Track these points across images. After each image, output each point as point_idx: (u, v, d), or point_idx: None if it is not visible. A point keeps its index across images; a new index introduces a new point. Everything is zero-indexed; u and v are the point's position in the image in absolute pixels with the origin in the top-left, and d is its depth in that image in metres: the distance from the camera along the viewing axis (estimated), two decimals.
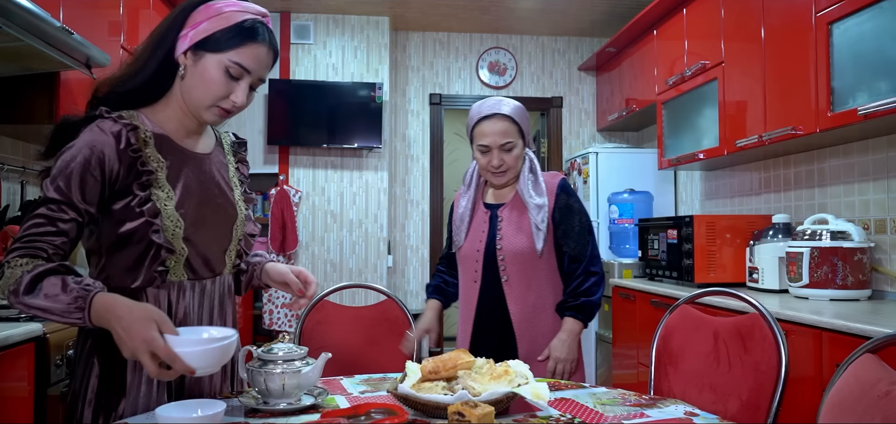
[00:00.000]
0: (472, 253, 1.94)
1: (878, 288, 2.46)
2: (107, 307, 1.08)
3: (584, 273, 1.87)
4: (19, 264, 1.10)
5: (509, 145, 1.86)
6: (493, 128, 1.86)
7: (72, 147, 1.15)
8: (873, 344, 1.16)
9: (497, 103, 1.88)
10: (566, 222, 1.89)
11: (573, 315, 1.86)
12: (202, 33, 1.20)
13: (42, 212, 1.13)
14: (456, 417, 1.09)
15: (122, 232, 1.19)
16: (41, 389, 1.75)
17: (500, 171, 1.88)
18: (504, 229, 1.90)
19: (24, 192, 2.63)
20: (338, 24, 4.51)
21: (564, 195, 1.91)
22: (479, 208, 1.98)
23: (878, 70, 2.07)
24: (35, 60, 2.07)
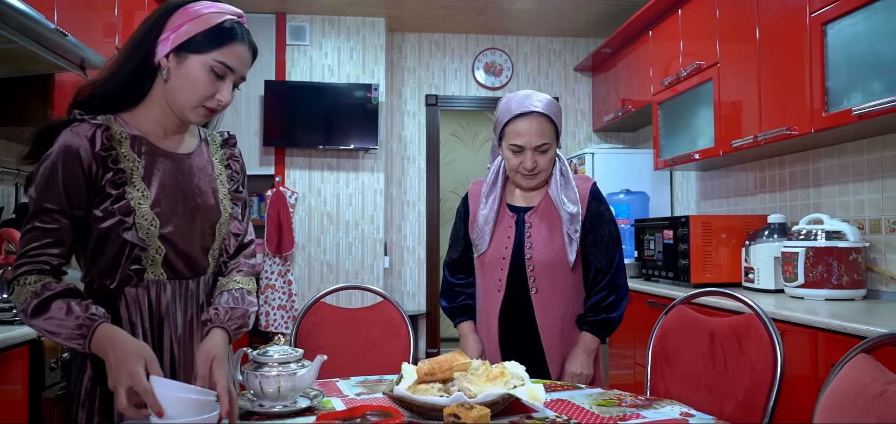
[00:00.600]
0: (497, 260, 1.79)
1: (874, 288, 2.47)
2: (106, 338, 1.11)
3: (608, 287, 1.76)
4: (28, 281, 1.15)
5: (545, 147, 1.73)
6: (529, 127, 1.70)
7: (50, 155, 1.17)
8: (868, 344, 1.17)
9: (531, 99, 1.73)
10: (596, 231, 1.78)
11: (591, 331, 1.75)
12: (184, 36, 1.20)
13: (37, 225, 1.16)
14: (452, 419, 1.09)
15: (99, 233, 1.20)
16: (36, 392, 1.74)
17: (534, 174, 1.74)
18: (534, 237, 1.77)
19: (18, 194, 2.62)
20: (334, 26, 4.51)
21: (596, 203, 1.80)
22: (503, 211, 1.83)
23: (872, 70, 2.08)
24: (29, 62, 2.06)
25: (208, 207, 1.32)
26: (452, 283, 1.93)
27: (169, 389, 1.06)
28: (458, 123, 6.68)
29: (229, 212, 1.37)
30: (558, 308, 1.76)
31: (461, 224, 1.91)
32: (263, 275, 4.25)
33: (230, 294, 1.31)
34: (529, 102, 1.72)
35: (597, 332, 1.75)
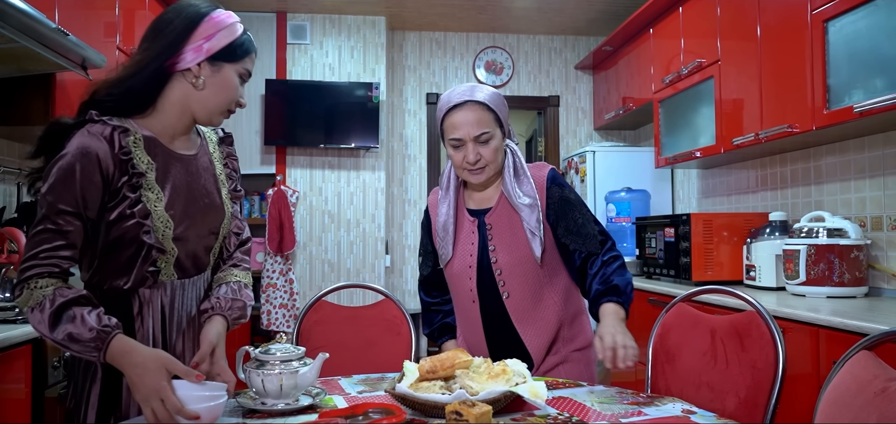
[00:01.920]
0: (464, 270, 1.69)
1: (875, 285, 2.47)
2: (123, 351, 1.13)
3: (606, 261, 1.61)
4: (39, 285, 1.13)
5: (485, 136, 1.60)
6: (465, 117, 1.59)
7: (66, 155, 1.16)
8: (870, 341, 1.17)
9: (468, 90, 1.62)
10: (566, 218, 1.64)
11: (610, 300, 1.54)
12: (217, 45, 1.26)
13: (48, 227, 1.15)
14: (454, 416, 1.09)
15: (114, 234, 1.21)
16: (38, 391, 1.74)
17: (478, 167, 1.62)
18: (496, 239, 1.66)
19: (21, 194, 2.63)
20: (334, 24, 4.51)
21: (557, 188, 1.66)
22: (463, 217, 1.72)
23: (873, 68, 2.07)
24: (30, 62, 2.06)
25: (215, 207, 1.35)
26: (428, 303, 1.84)
27: (189, 390, 1.11)
28: None
29: (231, 211, 1.41)
30: (538, 312, 1.65)
31: (427, 238, 1.81)
32: (265, 274, 4.26)
33: (228, 287, 1.36)
34: (464, 93, 1.62)
35: (616, 299, 1.54)
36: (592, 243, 1.63)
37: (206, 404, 1.10)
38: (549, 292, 1.66)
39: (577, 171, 4.33)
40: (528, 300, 1.65)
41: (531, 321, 1.65)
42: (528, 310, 1.65)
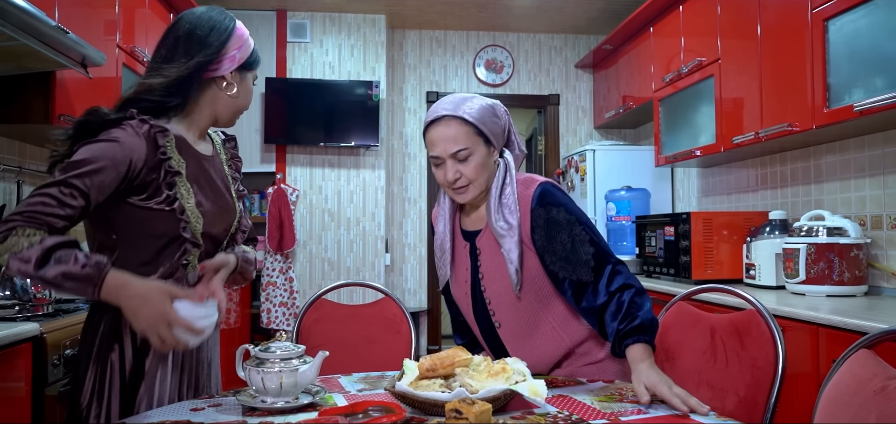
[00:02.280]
0: (462, 296, 1.60)
1: (875, 284, 2.47)
2: (120, 285, 1.18)
3: (618, 292, 1.40)
4: (25, 233, 1.13)
5: (464, 153, 1.45)
6: (442, 134, 1.46)
7: (100, 141, 1.22)
8: (869, 340, 1.17)
9: (448, 103, 1.48)
10: (552, 242, 1.46)
11: (636, 341, 1.33)
12: (244, 56, 1.42)
13: (53, 192, 1.17)
14: (453, 414, 1.09)
15: (143, 226, 1.28)
16: (39, 389, 1.75)
17: (459, 187, 1.48)
18: (484, 265, 1.53)
19: (21, 191, 2.63)
20: (334, 23, 4.51)
21: (543, 209, 1.47)
22: (458, 238, 1.60)
23: (873, 66, 2.07)
24: (30, 60, 2.06)
25: (229, 205, 1.45)
26: (454, 313, 1.73)
27: (189, 310, 1.22)
28: None
29: (239, 210, 1.50)
30: (532, 343, 1.52)
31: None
32: (265, 272, 4.26)
33: (239, 247, 1.51)
34: (443, 107, 1.48)
35: (642, 338, 1.34)
36: (582, 270, 1.43)
37: (206, 321, 1.22)
38: (544, 320, 1.52)
39: (577, 169, 4.33)
40: (522, 330, 1.53)
41: (528, 351, 1.52)
42: (522, 339, 1.53)
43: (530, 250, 1.49)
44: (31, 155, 2.74)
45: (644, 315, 1.37)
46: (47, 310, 1.98)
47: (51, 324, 1.80)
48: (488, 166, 1.50)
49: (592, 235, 1.47)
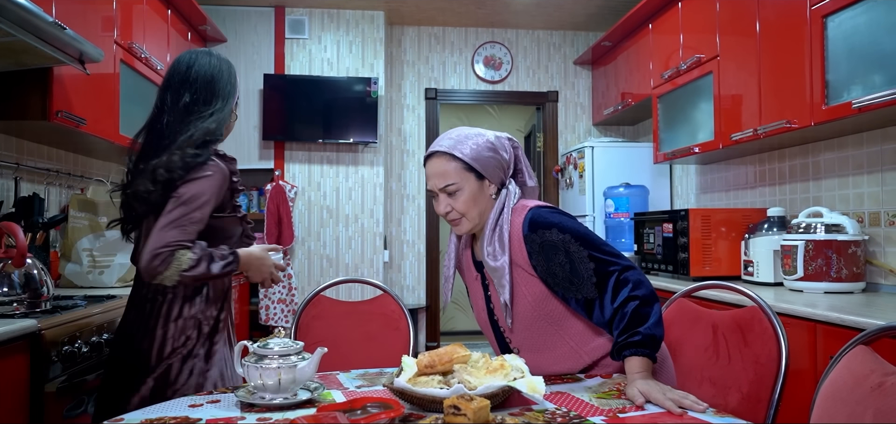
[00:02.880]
0: (482, 323, 1.65)
1: (873, 281, 2.47)
2: (245, 257, 1.69)
3: (622, 305, 1.39)
4: (181, 254, 1.53)
5: (451, 187, 1.50)
6: (433, 169, 1.53)
7: (201, 179, 1.58)
8: (866, 336, 1.17)
9: (442, 140, 1.54)
10: (550, 264, 1.46)
11: (634, 353, 1.34)
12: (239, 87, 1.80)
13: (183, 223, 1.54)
14: (452, 411, 1.09)
15: (221, 232, 1.67)
16: (37, 386, 1.74)
17: (452, 219, 1.54)
18: (495, 296, 1.57)
19: (18, 188, 2.62)
20: (333, 19, 4.50)
21: (534, 235, 1.47)
22: (469, 267, 1.65)
23: (872, 63, 2.07)
24: (28, 56, 2.05)
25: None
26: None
27: (276, 258, 1.80)
28: (457, 117, 6.67)
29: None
30: (552, 361, 1.52)
31: None
32: None
33: None
34: (436, 143, 1.55)
35: (641, 351, 1.34)
36: (586, 288, 1.43)
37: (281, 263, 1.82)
38: (560, 341, 1.51)
39: (575, 166, 4.33)
40: (539, 352, 1.52)
41: (550, 371, 1.51)
42: (541, 360, 1.52)
43: (532, 277, 1.49)
44: (28, 152, 2.73)
45: (647, 330, 1.35)
46: (45, 307, 1.98)
47: (49, 320, 1.80)
48: (481, 199, 1.53)
49: (591, 249, 1.44)
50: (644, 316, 1.37)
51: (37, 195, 2.62)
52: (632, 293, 1.39)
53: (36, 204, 2.59)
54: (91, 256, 2.68)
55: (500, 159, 1.54)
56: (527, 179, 1.60)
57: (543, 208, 1.52)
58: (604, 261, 1.43)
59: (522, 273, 1.50)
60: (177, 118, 1.63)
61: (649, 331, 1.35)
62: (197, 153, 1.58)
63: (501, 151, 1.55)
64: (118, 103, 2.81)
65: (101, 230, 2.71)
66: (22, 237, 1.91)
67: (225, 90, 1.69)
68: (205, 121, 1.62)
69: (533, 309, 1.50)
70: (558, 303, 1.50)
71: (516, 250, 1.49)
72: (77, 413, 1.92)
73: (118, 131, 2.81)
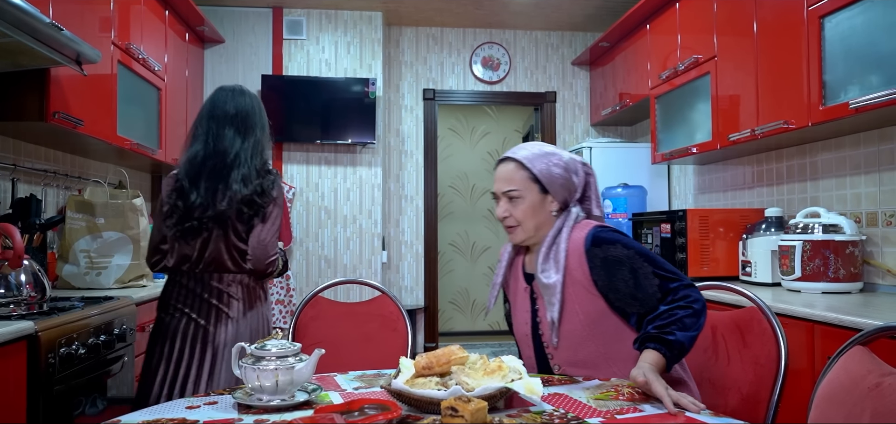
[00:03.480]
0: (523, 337, 1.63)
1: (870, 281, 2.48)
2: None
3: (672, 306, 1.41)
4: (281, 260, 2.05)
5: (514, 194, 1.55)
6: (500, 172, 1.58)
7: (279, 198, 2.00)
8: (864, 337, 1.17)
9: (518, 149, 1.59)
10: (613, 280, 1.47)
11: (656, 348, 1.36)
12: None
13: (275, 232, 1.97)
14: (449, 412, 1.09)
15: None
16: (34, 388, 1.74)
17: (508, 226, 1.58)
18: (542, 311, 1.56)
19: (15, 189, 2.62)
20: (331, 20, 4.50)
21: (597, 250, 1.48)
22: (518, 279, 1.65)
23: (869, 64, 2.08)
24: (25, 57, 2.05)
25: None
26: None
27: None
28: (455, 117, 6.67)
29: None
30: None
31: None
32: None
33: None
34: (511, 150, 1.60)
35: (658, 347, 1.36)
36: (649, 303, 1.44)
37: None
38: (604, 365, 1.49)
39: None
40: (581, 374, 1.50)
41: None
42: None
43: (592, 294, 1.49)
44: (25, 153, 2.73)
45: (681, 336, 1.36)
46: (42, 308, 1.97)
47: (46, 322, 1.79)
48: (541, 213, 1.56)
49: (654, 265, 1.46)
50: (683, 325, 1.38)
51: (34, 196, 2.62)
52: (685, 304, 1.40)
53: (33, 205, 2.58)
54: (88, 257, 2.68)
55: (568, 180, 1.57)
56: (593, 207, 1.61)
57: (605, 227, 1.54)
58: (667, 277, 1.45)
59: (580, 290, 1.50)
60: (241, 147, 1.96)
61: (681, 339, 1.36)
62: (274, 174, 2.01)
63: (572, 174, 1.58)
64: (115, 104, 2.80)
65: (98, 232, 2.71)
66: (19, 239, 1.91)
67: (264, 116, 2.09)
68: (262, 145, 2.03)
69: (584, 328, 1.50)
70: (613, 323, 1.50)
71: (575, 265, 1.50)
72: (74, 415, 1.91)
73: (115, 132, 2.80)
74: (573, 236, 1.53)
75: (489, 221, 6.69)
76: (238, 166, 1.94)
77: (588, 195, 1.61)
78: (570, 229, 1.54)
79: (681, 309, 1.40)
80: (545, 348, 1.56)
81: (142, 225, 2.79)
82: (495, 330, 6.65)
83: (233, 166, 1.93)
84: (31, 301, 1.94)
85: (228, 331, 1.91)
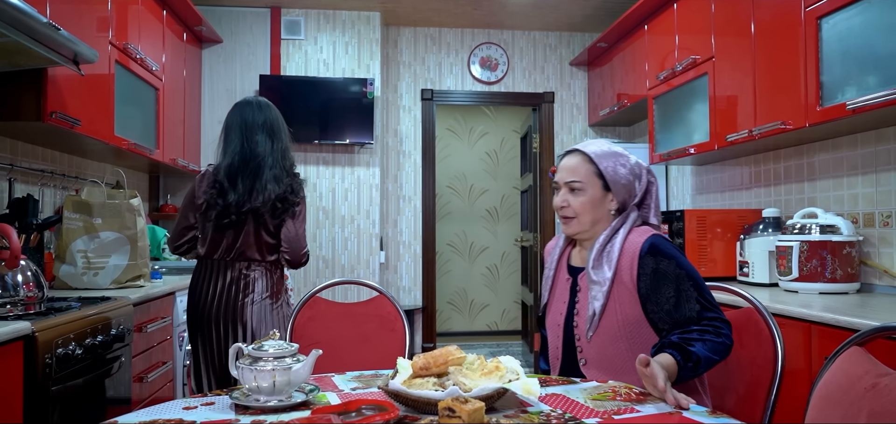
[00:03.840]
0: (554, 327, 1.64)
1: (867, 281, 2.48)
2: None
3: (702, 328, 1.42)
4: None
5: (576, 185, 1.57)
6: (565, 163, 1.62)
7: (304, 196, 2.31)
8: (861, 337, 1.17)
9: (588, 142, 1.63)
10: (656, 293, 1.47)
11: (673, 355, 1.37)
12: None
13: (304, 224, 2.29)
14: (447, 413, 1.09)
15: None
16: (31, 388, 1.74)
17: (565, 216, 1.60)
18: (580, 303, 1.57)
19: (12, 189, 2.61)
20: (329, 20, 4.49)
21: (651, 259, 1.49)
22: (562, 271, 1.67)
23: (866, 64, 2.08)
24: (21, 57, 2.04)
25: None
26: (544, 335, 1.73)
27: None
28: (453, 117, 6.67)
29: None
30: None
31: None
32: None
33: None
34: (580, 143, 1.66)
35: (673, 353, 1.37)
36: (683, 324, 1.44)
37: None
38: (634, 372, 1.42)
39: None
40: (607, 373, 1.50)
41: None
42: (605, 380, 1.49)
43: (633, 297, 1.50)
44: (22, 153, 2.72)
45: (700, 349, 1.38)
46: (39, 309, 1.97)
47: (43, 323, 1.79)
48: (599, 209, 1.58)
49: (699, 292, 1.46)
50: (707, 344, 1.39)
51: (31, 197, 2.61)
52: (715, 331, 1.42)
53: (30, 205, 2.58)
54: (85, 257, 2.68)
55: (630, 183, 1.59)
56: (651, 215, 1.62)
57: (665, 239, 1.55)
58: (707, 306, 1.46)
59: (624, 292, 1.51)
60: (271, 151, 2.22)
61: (699, 353, 1.38)
62: (300, 175, 2.31)
63: (636, 178, 1.60)
64: (113, 104, 2.80)
65: (95, 232, 2.70)
66: (16, 239, 1.90)
67: (287, 129, 2.35)
68: (290, 152, 2.31)
69: (619, 329, 1.51)
70: (646, 333, 1.50)
71: (626, 267, 1.51)
72: (71, 416, 1.91)
73: (113, 132, 2.80)
74: (630, 238, 1.54)
75: (487, 221, 6.69)
76: (271, 166, 2.20)
77: (647, 202, 1.62)
78: (628, 230, 1.55)
79: (709, 334, 1.41)
80: (576, 340, 1.57)
81: (139, 225, 2.78)
82: (493, 331, 6.65)
83: (265, 167, 2.19)
84: (28, 302, 1.94)
85: (254, 311, 2.20)
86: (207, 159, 4.13)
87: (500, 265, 6.69)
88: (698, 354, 1.37)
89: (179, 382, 2.97)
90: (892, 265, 2.38)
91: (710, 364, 1.40)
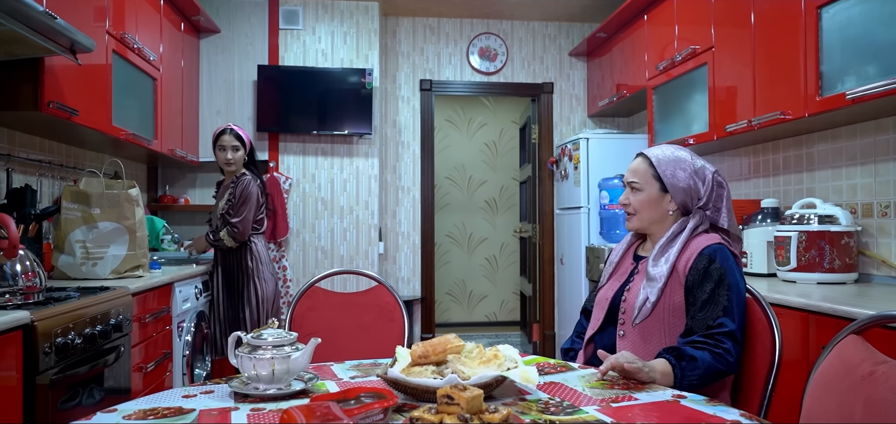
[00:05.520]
0: (602, 300, 1.74)
1: (865, 271, 2.49)
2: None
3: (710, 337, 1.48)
4: None
5: (636, 185, 1.71)
6: (631, 164, 1.76)
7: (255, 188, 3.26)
8: (858, 326, 1.18)
9: (655, 147, 1.75)
10: (697, 289, 1.54)
11: (669, 361, 1.45)
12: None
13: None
14: (445, 400, 1.10)
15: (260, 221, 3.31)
16: (30, 378, 1.74)
17: (626, 211, 1.74)
18: (634, 283, 1.67)
19: (10, 179, 2.61)
20: (327, 10, 4.48)
21: (706, 259, 1.56)
22: (628, 257, 1.79)
23: (866, 54, 2.08)
24: (18, 46, 2.04)
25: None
26: (581, 322, 1.85)
27: None
28: (452, 108, 6.66)
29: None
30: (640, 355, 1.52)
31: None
32: None
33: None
34: (647, 148, 1.77)
35: (672, 362, 1.44)
36: (698, 323, 1.51)
37: None
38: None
39: (570, 158, 4.33)
40: (639, 349, 1.57)
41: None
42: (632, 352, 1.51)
43: (680, 286, 1.58)
44: (20, 143, 2.72)
45: (702, 365, 1.44)
46: (38, 298, 1.97)
47: (42, 312, 1.79)
48: (657, 209, 1.69)
49: (731, 304, 1.51)
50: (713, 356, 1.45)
51: (29, 187, 2.61)
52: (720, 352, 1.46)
53: (28, 196, 2.58)
54: (84, 247, 2.67)
55: (692, 185, 1.66)
56: (722, 218, 1.66)
57: (729, 250, 1.60)
58: (731, 316, 1.50)
59: (675, 284, 1.59)
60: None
61: (701, 369, 1.44)
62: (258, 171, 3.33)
63: (699, 181, 1.66)
64: (111, 94, 2.79)
65: (94, 222, 2.70)
66: (14, 229, 1.90)
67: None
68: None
69: (662, 313, 1.58)
70: (681, 323, 1.58)
71: (682, 262, 1.59)
72: (70, 405, 1.91)
73: (111, 122, 2.79)
74: (697, 239, 1.62)
75: (486, 212, 6.69)
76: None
77: (717, 206, 1.67)
78: (692, 232, 1.63)
79: (711, 354, 1.46)
80: (620, 313, 1.64)
81: (138, 216, 2.78)
82: (492, 321, 6.67)
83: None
84: (26, 291, 1.94)
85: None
86: (206, 150, 4.12)
87: (498, 256, 6.69)
88: (701, 374, 1.44)
89: (178, 372, 2.98)
90: (890, 255, 2.39)
91: (704, 381, 1.45)
